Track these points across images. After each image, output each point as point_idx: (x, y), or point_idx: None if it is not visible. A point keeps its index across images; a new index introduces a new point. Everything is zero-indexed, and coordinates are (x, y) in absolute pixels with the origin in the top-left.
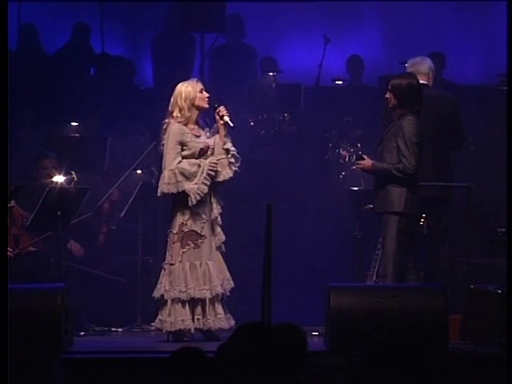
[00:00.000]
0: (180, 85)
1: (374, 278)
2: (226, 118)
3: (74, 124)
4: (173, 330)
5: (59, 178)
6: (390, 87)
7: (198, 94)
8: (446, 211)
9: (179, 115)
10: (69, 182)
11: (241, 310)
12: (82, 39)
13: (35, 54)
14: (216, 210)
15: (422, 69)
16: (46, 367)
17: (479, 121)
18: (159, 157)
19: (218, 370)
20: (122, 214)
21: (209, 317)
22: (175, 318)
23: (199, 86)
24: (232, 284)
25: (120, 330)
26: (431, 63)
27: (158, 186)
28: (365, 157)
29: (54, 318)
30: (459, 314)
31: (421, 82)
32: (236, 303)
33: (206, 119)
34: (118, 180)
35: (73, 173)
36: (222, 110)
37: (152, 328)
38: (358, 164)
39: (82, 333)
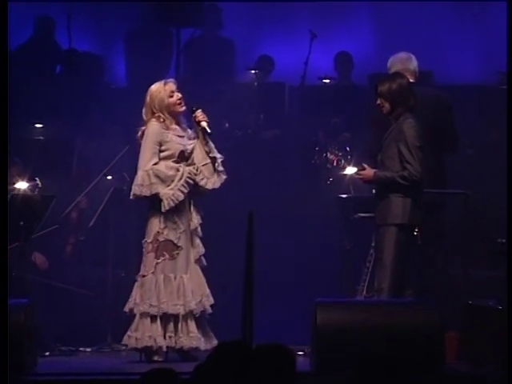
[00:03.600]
0: (151, 88)
1: (365, 292)
2: (204, 124)
3: (38, 126)
4: (139, 346)
5: (22, 185)
6: (379, 93)
7: (170, 100)
8: (440, 218)
9: (155, 120)
10: (33, 188)
11: (221, 328)
12: (46, 33)
13: None
14: (196, 220)
15: (411, 67)
16: None
17: (478, 122)
18: (132, 161)
19: None
20: (91, 224)
21: (181, 335)
22: (142, 334)
23: (168, 88)
24: (212, 300)
25: (88, 349)
26: (416, 60)
27: (131, 189)
28: (365, 166)
29: (17, 336)
30: (456, 332)
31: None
32: (215, 321)
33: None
34: (86, 186)
35: (37, 179)
36: (199, 114)
37: (123, 348)
38: (359, 175)
39: (47, 353)
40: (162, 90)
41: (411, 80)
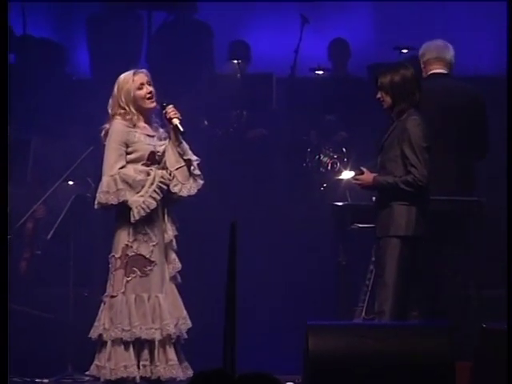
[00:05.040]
0: (120, 77)
1: (363, 314)
2: (176, 121)
3: None
4: (113, 378)
5: None
6: (379, 85)
7: (138, 93)
8: (464, 232)
9: (120, 117)
10: None
11: (199, 356)
12: None
13: None
14: (170, 231)
15: (447, 56)
16: None
17: (492, 119)
18: (97, 164)
19: None
20: (50, 236)
21: (158, 363)
22: (116, 364)
23: (138, 79)
24: (189, 324)
25: (46, 380)
26: (453, 50)
27: (95, 196)
28: (364, 170)
29: None
30: (469, 360)
31: (442, 71)
32: (193, 347)
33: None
34: (44, 193)
35: None
36: (170, 110)
37: (86, 378)
38: (357, 180)
39: None
40: (131, 80)
41: (445, 71)
